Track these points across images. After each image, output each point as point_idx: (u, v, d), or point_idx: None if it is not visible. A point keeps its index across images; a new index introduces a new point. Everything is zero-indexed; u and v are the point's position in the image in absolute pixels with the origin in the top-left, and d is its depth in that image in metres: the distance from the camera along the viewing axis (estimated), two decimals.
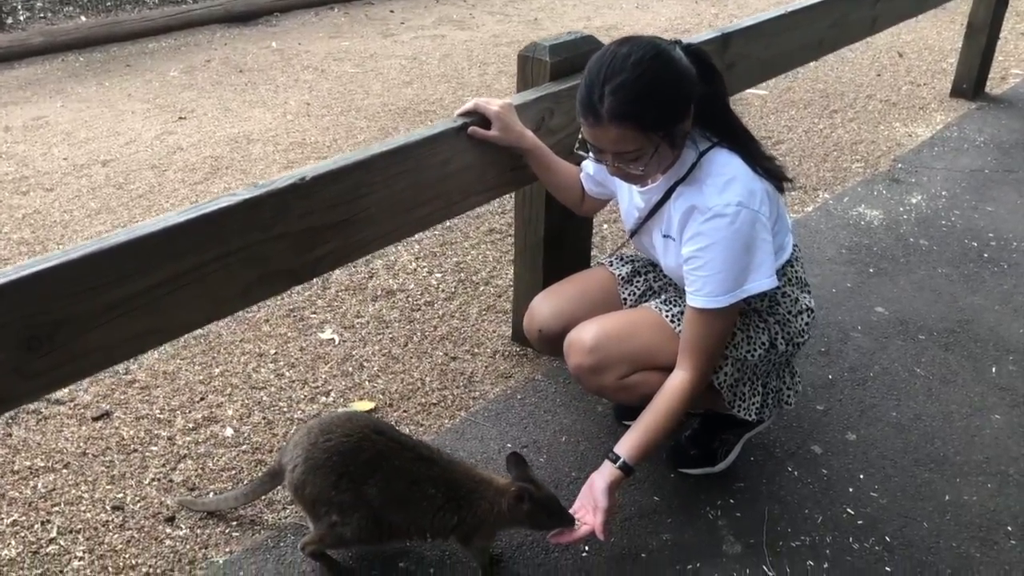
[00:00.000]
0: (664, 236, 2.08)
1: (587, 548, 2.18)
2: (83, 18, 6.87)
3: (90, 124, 4.87)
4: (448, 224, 3.73)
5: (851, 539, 2.22)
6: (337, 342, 2.95)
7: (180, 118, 4.93)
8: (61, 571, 2.09)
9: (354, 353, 2.90)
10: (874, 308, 3.20)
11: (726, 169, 1.93)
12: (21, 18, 6.73)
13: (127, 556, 2.14)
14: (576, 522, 1.95)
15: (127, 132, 4.74)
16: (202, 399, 2.66)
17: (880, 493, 2.36)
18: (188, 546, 2.16)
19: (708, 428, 2.42)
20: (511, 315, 3.00)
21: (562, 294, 2.37)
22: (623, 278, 2.36)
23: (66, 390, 2.67)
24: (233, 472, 2.39)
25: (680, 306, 2.14)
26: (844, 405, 2.70)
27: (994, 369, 2.87)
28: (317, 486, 1.93)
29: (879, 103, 5.36)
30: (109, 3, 7.11)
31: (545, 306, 2.34)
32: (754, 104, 5.27)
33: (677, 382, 2.01)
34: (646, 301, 2.31)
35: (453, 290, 3.27)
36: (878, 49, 6.43)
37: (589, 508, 1.96)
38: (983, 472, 2.44)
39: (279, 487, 2.15)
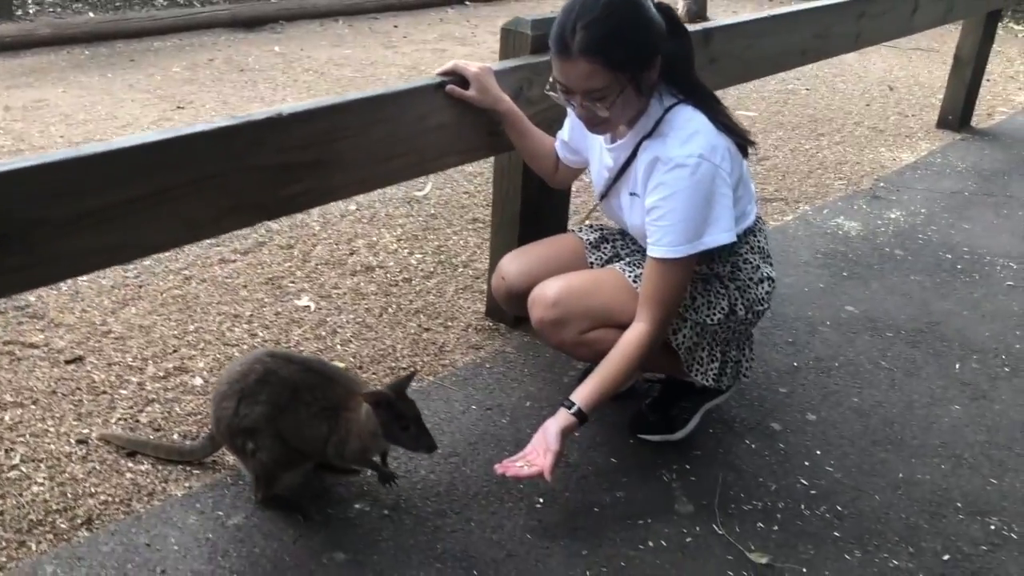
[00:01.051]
0: (631, 194, 2.14)
1: (541, 500, 2.21)
2: (91, 14, 7.00)
3: (89, 108, 4.95)
4: (432, 211, 3.80)
5: (803, 506, 2.25)
6: (312, 309, 3.00)
7: (178, 107, 5.02)
8: (20, 494, 2.12)
9: (328, 320, 2.94)
10: (844, 307, 3.25)
11: (690, 124, 1.99)
12: (31, 11, 6.85)
13: (87, 485, 2.16)
14: (436, 449, 2.02)
15: (124, 117, 4.82)
16: (175, 351, 2.70)
17: (835, 468, 2.40)
18: (148, 480, 2.19)
19: (667, 395, 2.46)
20: (487, 292, 3.04)
21: (530, 253, 2.43)
22: (591, 243, 2.41)
23: (41, 335, 2.71)
24: (199, 417, 2.42)
25: (643, 267, 2.19)
26: (807, 389, 2.74)
27: (958, 366, 2.91)
28: (225, 417, 2.01)
29: (866, 130, 5.46)
30: (118, 2, 7.24)
31: (513, 265, 2.39)
32: (743, 124, 5.36)
33: (635, 333, 2.05)
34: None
35: (432, 270, 3.32)
36: (869, 83, 6.56)
37: (540, 451, 2.00)
38: (938, 455, 2.48)
39: (208, 456, 2.23)
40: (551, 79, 2.00)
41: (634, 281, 2.20)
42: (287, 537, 2.04)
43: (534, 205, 2.75)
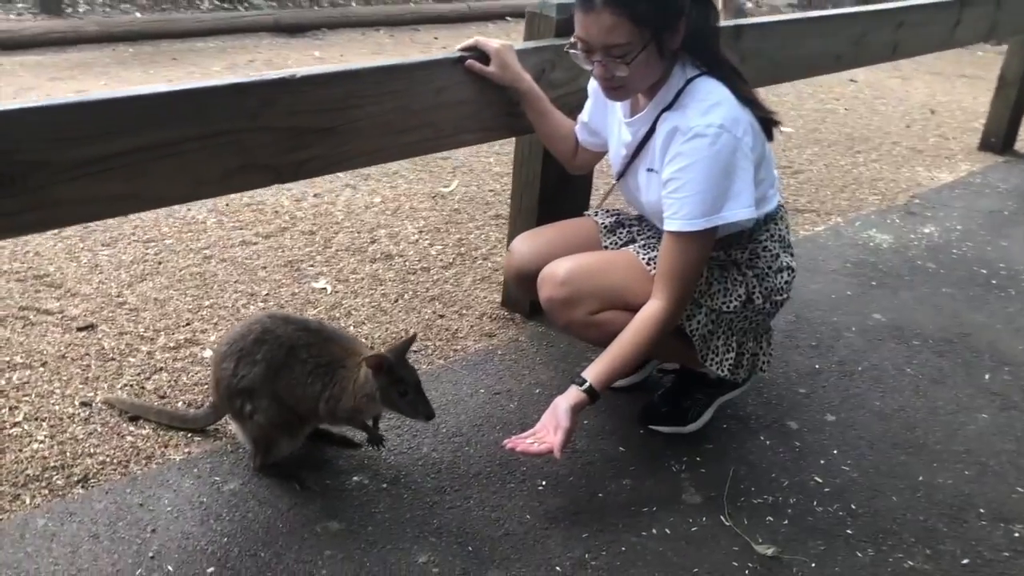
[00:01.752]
0: (648, 170, 2.09)
1: (543, 483, 2.15)
2: (138, 14, 7.14)
3: None
4: (456, 207, 3.78)
5: (815, 503, 2.17)
6: (329, 291, 2.98)
7: None
8: (19, 450, 2.11)
9: (344, 302, 2.92)
10: (871, 314, 3.16)
11: (711, 95, 1.95)
12: (80, 9, 7.00)
13: (87, 445, 2.15)
14: (434, 417, 1.98)
15: None
16: (188, 324, 2.69)
17: (852, 468, 2.31)
18: (148, 443, 2.18)
19: (680, 385, 2.40)
20: (504, 282, 3.00)
21: (543, 235, 2.39)
22: (606, 227, 2.37)
23: (57, 303, 2.72)
24: (205, 387, 2.41)
25: (658, 250, 2.14)
26: (827, 391, 2.66)
27: (987, 376, 2.81)
28: (224, 378, 1.99)
29: (905, 149, 5.36)
30: (165, 4, 7.38)
31: (524, 245, 2.35)
32: (778, 140, 5.29)
33: (649, 310, 2.00)
34: None
35: (451, 261, 3.29)
36: (911, 106, 6.46)
37: (551, 428, 1.94)
38: (962, 461, 2.38)
39: (210, 424, 2.21)
40: (572, 38, 1.96)
41: (648, 264, 2.15)
42: (282, 505, 2.01)
43: (553, 193, 2.72)
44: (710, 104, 1.93)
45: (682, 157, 1.91)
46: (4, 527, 1.88)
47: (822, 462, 2.32)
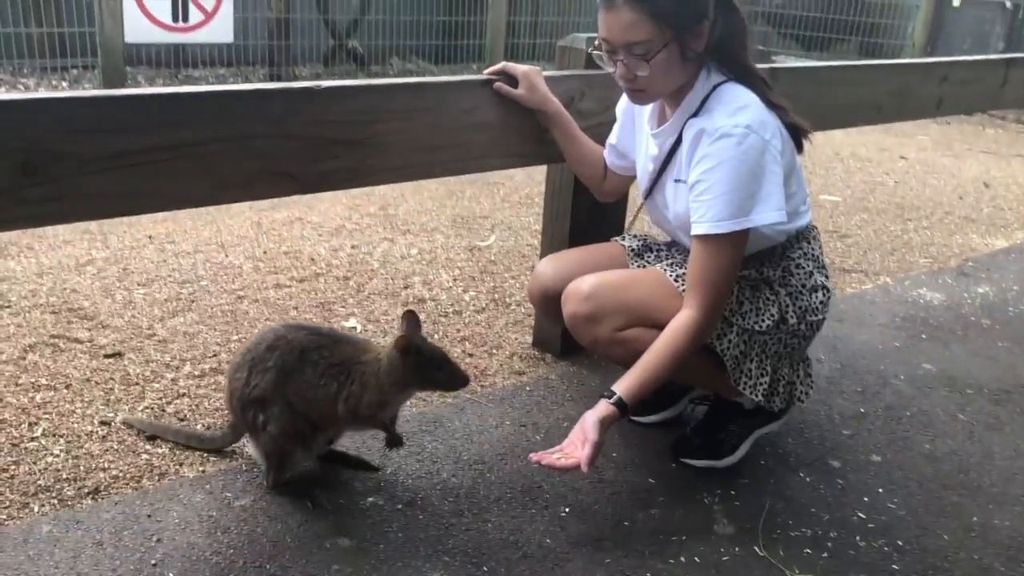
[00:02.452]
0: (676, 181, 2.05)
1: (566, 509, 2.05)
2: None
3: None
4: (492, 258, 3.75)
5: (858, 538, 2.03)
6: (359, 330, 2.95)
7: None
8: (34, 462, 2.08)
9: (372, 340, 2.88)
10: (921, 364, 3.03)
11: (738, 99, 1.91)
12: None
13: (102, 461, 2.11)
14: (470, 382, 1.98)
15: None
16: (214, 355, 2.67)
17: (899, 506, 2.17)
18: (163, 461, 2.13)
19: (715, 417, 2.29)
20: (535, 323, 2.95)
21: (568, 256, 2.34)
22: (634, 251, 2.31)
23: (88, 332, 2.73)
24: (226, 413, 2.36)
25: (686, 268, 2.08)
26: (873, 434, 2.52)
27: None
28: (237, 389, 1.95)
29: (957, 218, 5.24)
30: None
31: (549, 267, 2.31)
32: (825, 206, 5.22)
33: (680, 320, 1.92)
34: None
35: (484, 306, 3.25)
36: (963, 180, 6.34)
37: (579, 442, 1.85)
38: (1021, 504, 2.22)
39: (228, 445, 2.17)
40: (597, 39, 1.96)
41: (676, 281, 2.08)
42: (292, 521, 1.94)
43: (584, 227, 2.68)
44: (737, 107, 1.89)
45: (709, 158, 1.87)
46: (9, 531, 1.84)
47: (866, 499, 2.18)
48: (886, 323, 3.40)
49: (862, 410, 2.65)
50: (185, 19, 6.76)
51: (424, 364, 1.90)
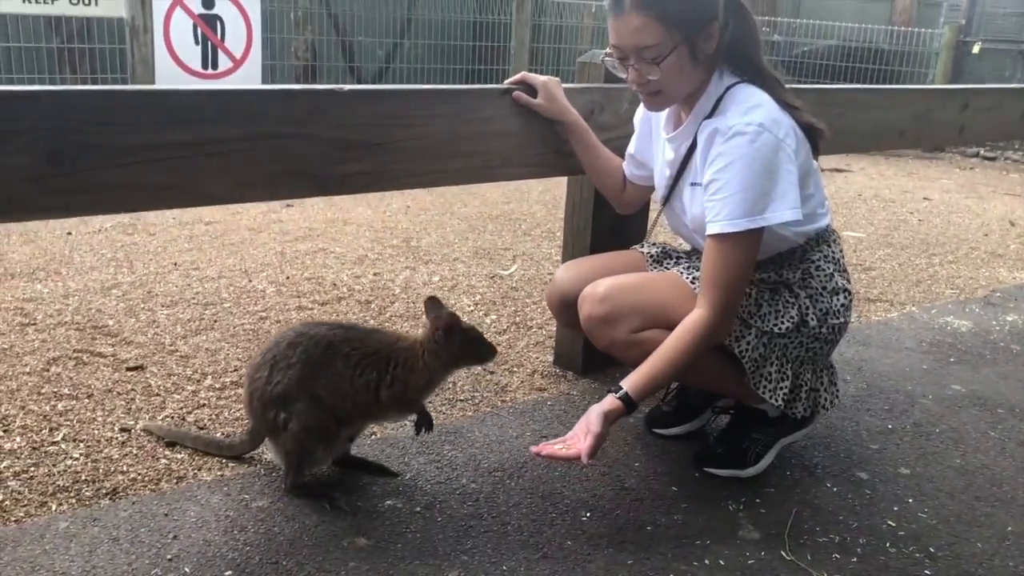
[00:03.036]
0: (692, 185, 2.05)
1: (588, 514, 2.01)
2: None
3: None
4: (514, 285, 3.75)
5: (888, 544, 1.97)
6: None
7: (287, 205, 5.25)
8: (54, 464, 2.09)
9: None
10: (950, 385, 2.97)
11: (751, 98, 1.92)
12: None
13: (121, 465, 2.11)
14: (496, 353, 2.09)
15: (234, 208, 5.06)
16: (236, 370, 2.68)
17: (929, 515, 2.11)
18: (182, 466, 2.12)
19: (737, 425, 2.26)
20: (556, 341, 2.93)
21: (585, 263, 2.34)
22: (652, 257, 2.30)
23: (111, 348, 2.75)
24: (246, 423, 2.36)
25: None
26: (901, 449, 2.47)
27: None
28: (258, 388, 1.95)
29: (983, 254, 5.19)
30: None
31: (567, 273, 2.30)
32: (848, 241, 5.20)
33: (692, 318, 1.91)
34: None
35: (505, 328, 3.24)
36: (988, 219, 6.30)
37: (581, 434, 1.84)
38: None
39: (247, 452, 2.16)
40: (608, 47, 1.98)
41: (693, 283, 2.07)
42: (310, 521, 1.92)
43: (604, 243, 2.68)
44: (750, 106, 1.90)
45: (722, 157, 1.87)
46: (26, 528, 1.83)
47: (896, 508, 2.13)
48: (913, 347, 3.35)
49: (890, 426, 2.60)
50: (215, 66, 6.92)
51: (467, 340, 2.00)
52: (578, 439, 1.83)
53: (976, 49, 10.05)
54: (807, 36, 10.84)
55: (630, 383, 1.88)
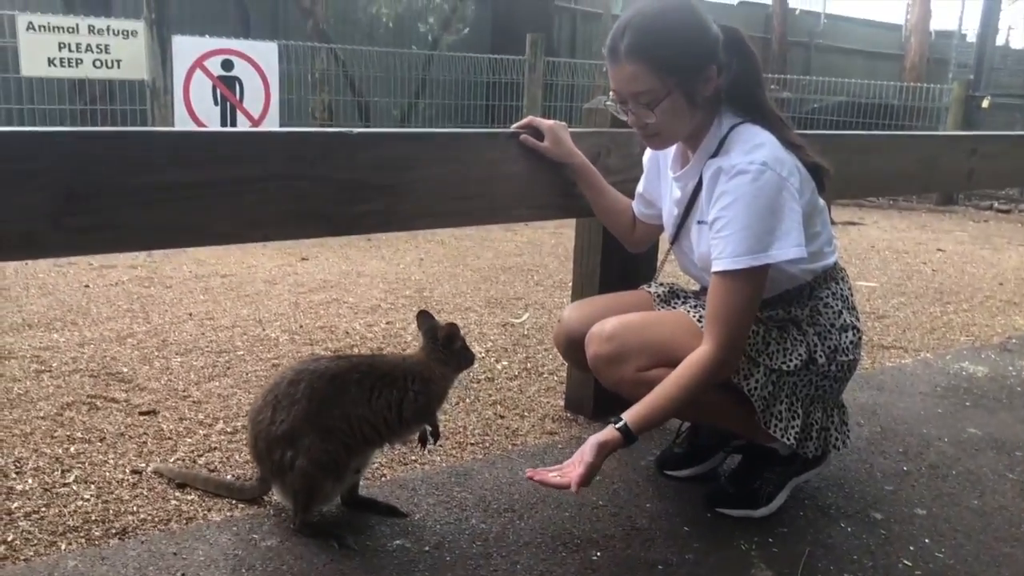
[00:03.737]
0: (698, 223, 2.07)
1: (598, 553, 2.00)
2: None
3: (221, 256, 5.28)
4: (525, 333, 3.77)
5: None
6: None
7: (303, 259, 5.31)
8: (64, 505, 2.09)
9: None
10: (966, 428, 2.94)
11: (755, 138, 1.94)
12: None
13: (131, 506, 2.11)
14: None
15: (251, 261, 5.13)
16: (247, 414, 2.68)
17: (947, 556, 2.08)
18: (192, 507, 2.13)
19: (748, 464, 2.24)
20: (567, 385, 2.93)
21: (593, 303, 2.35)
22: (660, 296, 2.31)
23: (124, 393, 2.77)
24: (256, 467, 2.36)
25: None
26: (917, 489, 2.44)
27: None
28: (263, 430, 1.96)
29: (998, 302, 5.17)
30: None
31: (575, 313, 2.31)
32: (861, 291, 5.19)
33: (695, 355, 1.91)
34: None
35: (516, 373, 3.25)
36: (1003, 269, 6.28)
37: (576, 463, 1.85)
38: None
39: (257, 496, 2.17)
40: (610, 92, 2.02)
41: (700, 321, 2.08)
42: (318, 560, 1.91)
43: (613, 285, 2.68)
44: (753, 145, 1.92)
45: (726, 195, 1.89)
46: (35, 566, 1.83)
47: (912, 548, 2.10)
48: (927, 392, 3.33)
49: (905, 468, 2.57)
50: (233, 126, 7.06)
51: (464, 347, 2.10)
52: (572, 467, 1.84)
53: (985, 103, 10.12)
54: (817, 93, 10.98)
55: (630, 415, 1.89)
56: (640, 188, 2.36)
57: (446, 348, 2.06)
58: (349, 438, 1.95)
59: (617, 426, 1.86)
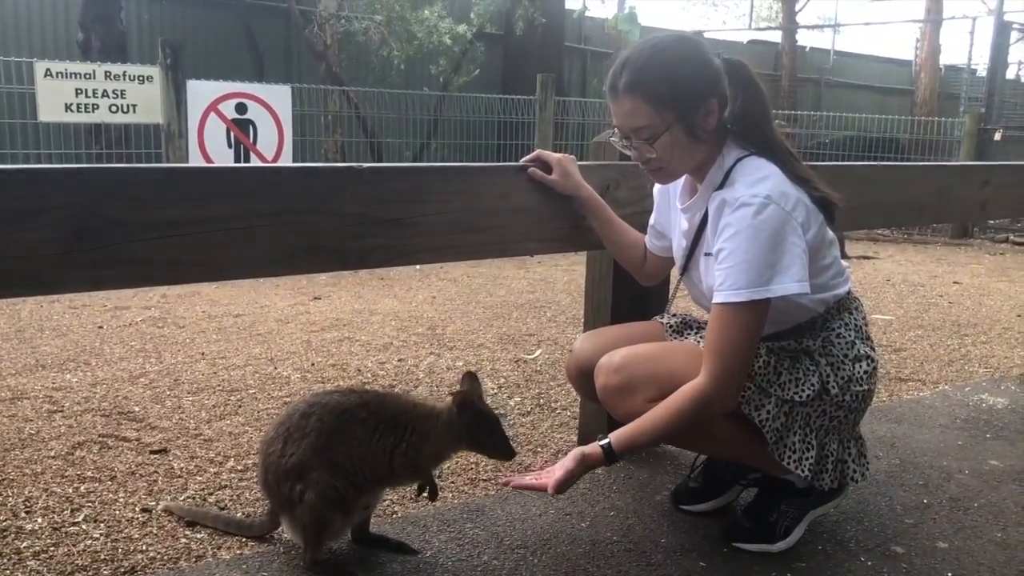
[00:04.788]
0: (706, 255, 2.05)
1: None
2: None
3: (235, 297, 5.32)
4: (538, 369, 3.75)
5: None
6: None
7: (315, 298, 5.32)
8: (74, 544, 2.08)
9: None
10: (987, 460, 2.89)
11: (760, 171, 1.94)
12: None
13: (140, 544, 2.10)
14: (515, 455, 2.04)
15: (264, 301, 5.14)
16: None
17: None
18: (201, 545, 2.11)
19: (765, 497, 2.20)
20: (580, 421, 2.90)
21: (605, 333, 2.34)
22: (672, 327, 2.30)
23: (136, 432, 2.76)
24: (266, 503, 2.34)
25: None
26: (938, 523, 2.39)
27: None
28: (272, 463, 1.95)
29: (1018, 334, 5.11)
30: None
31: (587, 343, 2.30)
32: (878, 324, 5.15)
33: (690, 384, 1.90)
34: None
35: (529, 410, 3.22)
36: (1022, 299, 6.23)
37: (555, 468, 1.89)
38: None
39: (267, 532, 2.14)
40: (613, 127, 2.03)
41: None
42: None
43: (624, 317, 2.67)
44: (757, 178, 1.92)
45: (729, 227, 1.88)
46: None
47: None
48: (947, 424, 3.28)
49: (925, 501, 2.52)
50: None
51: (476, 424, 1.95)
52: (551, 473, 1.87)
53: (998, 136, 10.12)
54: (827, 128, 11.01)
55: (616, 435, 1.91)
56: (652, 220, 2.35)
57: (457, 416, 1.95)
58: (353, 476, 1.93)
59: (601, 443, 1.89)
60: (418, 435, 1.94)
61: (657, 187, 2.32)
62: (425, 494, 2.03)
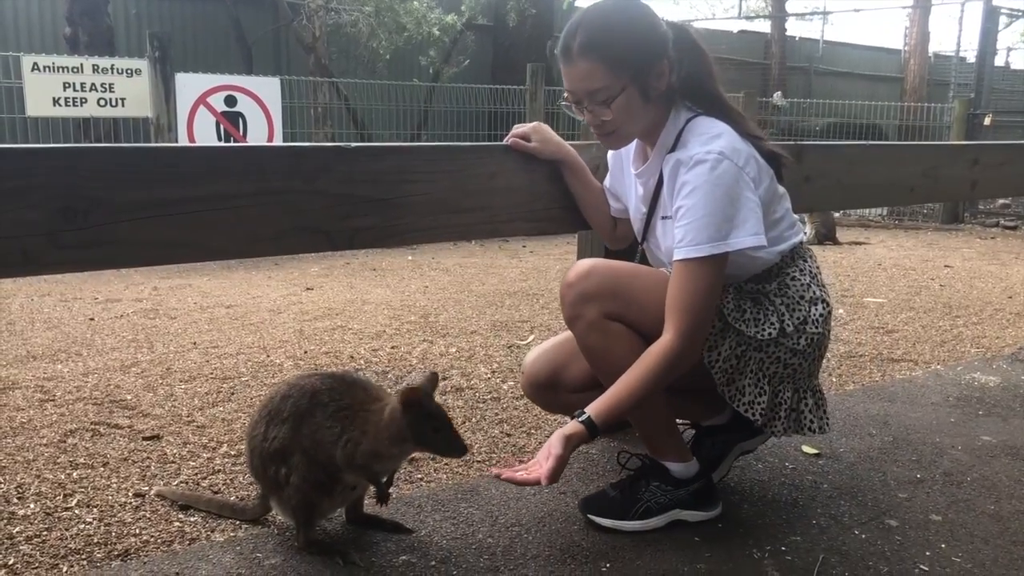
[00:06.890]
0: (663, 219, 2.06)
1: (607, 565, 1.96)
2: None
3: (226, 288, 5.31)
4: None
5: None
6: None
7: (308, 289, 5.32)
8: (67, 529, 2.07)
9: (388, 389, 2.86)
10: (980, 436, 2.90)
11: (711, 129, 1.96)
12: None
13: (134, 528, 2.09)
14: (467, 452, 1.97)
15: (256, 292, 5.14)
16: None
17: (965, 559, 2.03)
18: (195, 528, 2.10)
19: (640, 475, 2.19)
20: None
21: (552, 342, 2.33)
22: None
23: (128, 420, 2.75)
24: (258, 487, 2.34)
25: None
26: (932, 496, 2.39)
27: None
28: (257, 446, 1.93)
29: (1008, 314, 5.13)
30: None
31: (533, 355, 2.32)
32: (869, 307, 5.16)
33: (657, 345, 1.90)
34: None
35: (522, 394, 3.21)
36: (1012, 283, 6.25)
37: (543, 459, 1.84)
38: None
39: (259, 516, 2.12)
40: (565, 93, 2.02)
41: None
42: None
43: None
44: (710, 136, 1.94)
45: (686, 185, 1.90)
46: None
47: (928, 554, 2.06)
48: (939, 402, 3.29)
49: (918, 476, 2.53)
50: None
51: (422, 421, 1.84)
52: (539, 464, 1.84)
53: (988, 121, 10.14)
54: (817, 115, 11.02)
55: (593, 408, 1.89)
56: (607, 182, 2.35)
57: (400, 414, 1.82)
58: (323, 461, 1.89)
59: (581, 419, 1.88)
60: (359, 430, 1.86)
61: (611, 152, 2.33)
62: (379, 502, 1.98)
